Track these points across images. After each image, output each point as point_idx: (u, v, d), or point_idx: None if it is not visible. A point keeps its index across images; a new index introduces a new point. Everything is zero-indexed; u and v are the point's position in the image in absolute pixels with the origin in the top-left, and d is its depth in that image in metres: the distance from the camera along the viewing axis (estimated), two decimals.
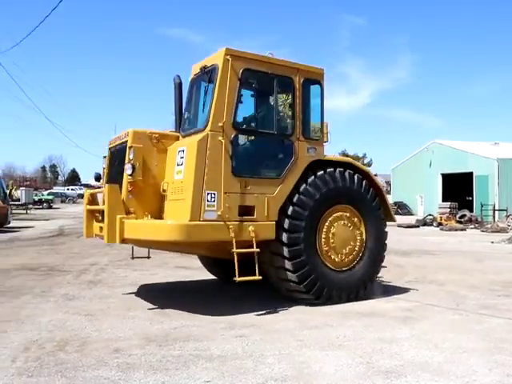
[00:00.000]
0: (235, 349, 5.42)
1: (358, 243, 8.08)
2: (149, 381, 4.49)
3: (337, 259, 7.82)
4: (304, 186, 7.50)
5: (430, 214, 35.86)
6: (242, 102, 7.36)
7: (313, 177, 7.61)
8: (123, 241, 7.10)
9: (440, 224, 31.30)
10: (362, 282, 8.08)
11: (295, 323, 6.54)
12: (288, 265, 7.34)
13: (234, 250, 6.83)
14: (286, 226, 7.32)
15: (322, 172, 7.71)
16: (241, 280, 6.91)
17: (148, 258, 8.96)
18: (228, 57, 7.08)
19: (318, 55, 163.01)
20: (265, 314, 7.07)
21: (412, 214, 48.18)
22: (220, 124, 6.91)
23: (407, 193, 52.04)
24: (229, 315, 6.93)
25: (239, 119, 7.46)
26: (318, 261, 7.60)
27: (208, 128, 6.93)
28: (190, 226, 6.70)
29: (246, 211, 7.11)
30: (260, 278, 7.10)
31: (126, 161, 7.36)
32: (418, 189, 49.88)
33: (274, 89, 7.57)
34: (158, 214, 7.44)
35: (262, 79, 7.60)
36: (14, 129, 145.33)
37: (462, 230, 29.01)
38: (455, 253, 16.11)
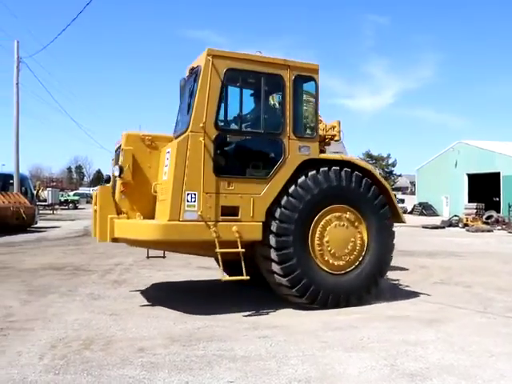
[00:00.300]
0: (259, 349, 5.42)
1: (358, 244, 7.66)
2: (173, 380, 4.52)
3: (334, 262, 7.48)
4: (293, 187, 7.24)
5: (455, 215, 35.36)
6: (225, 102, 7.39)
7: (303, 177, 7.32)
8: (114, 240, 7.36)
9: (466, 225, 30.85)
10: (365, 285, 7.69)
11: (318, 324, 6.51)
12: (277, 269, 7.16)
13: (218, 250, 6.84)
14: (274, 229, 7.13)
15: (313, 172, 7.39)
16: (227, 280, 7.18)
17: (163, 257, 8.96)
18: (210, 57, 7.08)
19: (342, 56, 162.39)
20: (288, 314, 7.05)
21: (437, 215, 47.59)
22: (201, 125, 6.91)
23: (432, 193, 51.42)
24: (252, 316, 6.94)
25: (224, 119, 7.55)
26: (312, 264, 7.32)
27: (189, 129, 6.98)
28: (169, 225, 6.80)
29: (229, 211, 7.06)
30: (248, 278, 7.03)
31: (119, 163, 7.60)
32: (443, 189, 49.26)
33: (261, 87, 7.48)
34: (152, 215, 7.53)
35: (248, 78, 7.53)
36: (40, 131, 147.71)
37: (488, 231, 28.52)
38: (482, 254, 15.85)
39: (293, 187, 7.25)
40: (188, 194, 6.84)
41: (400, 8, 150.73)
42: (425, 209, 51.15)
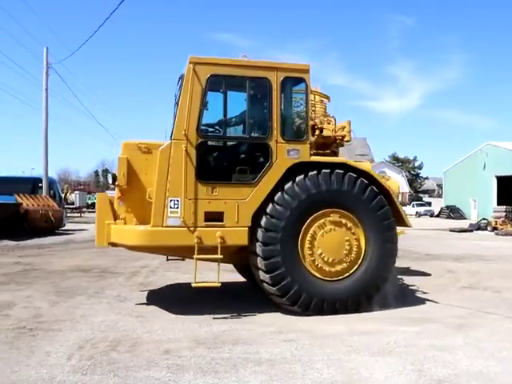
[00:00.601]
0: (284, 353, 5.40)
1: (354, 249, 7.34)
2: (198, 383, 4.55)
3: (328, 268, 7.23)
4: (279, 194, 7.08)
5: (483, 218, 34.68)
6: (209, 108, 7.33)
7: (290, 183, 7.13)
8: (111, 244, 7.55)
9: (495, 228, 30.22)
10: (364, 292, 7.35)
11: (344, 328, 6.46)
12: (266, 278, 7.09)
13: (195, 256, 6.95)
14: (260, 237, 7.04)
15: (301, 176, 7.18)
16: (197, 285, 7.12)
17: (183, 259, 8.98)
18: (191, 65, 7.16)
19: (367, 57, 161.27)
20: (313, 318, 7.01)
21: (465, 218, 46.80)
22: (184, 132, 7.01)
23: (460, 196, 50.64)
24: (277, 319, 6.92)
25: (208, 125, 7.56)
26: (302, 271, 7.13)
27: (172, 137, 7.11)
28: (152, 231, 7.00)
29: (214, 217, 7.09)
30: (219, 284, 7.13)
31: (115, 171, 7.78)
32: (471, 192, 48.45)
33: (246, 91, 7.44)
34: (148, 220, 7.46)
35: (233, 83, 7.51)
36: (68, 134, 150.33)
37: None
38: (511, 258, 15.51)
39: (278, 194, 7.09)
40: (171, 201, 6.98)
41: (426, 8, 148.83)
42: (452, 212, 50.36)
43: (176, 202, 6.97)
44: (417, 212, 59.73)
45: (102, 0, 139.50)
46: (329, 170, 7.29)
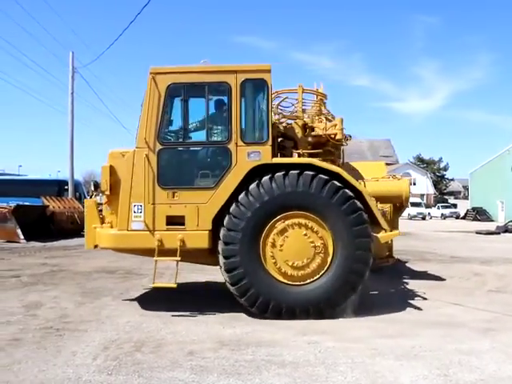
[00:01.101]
0: (307, 355, 5.38)
1: (320, 254, 7.09)
2: None
3: (290, 272, 7.07)
4: (242, 195, 7.05)
5: (511, 220, 34.04)
6: (169, 116, 7.60)
7: (254, 185, 7.06)
8: (96, 246, 7.87)
9: None
10: (330, 298, 7.03)
11: (368, 331, 6.40)
12: (226, 277, 7.12)
13: (155, 257, 7.22)
14: (221, 237, 7.08)
15: (265, 178, 7.08)
16: (156, 286, 7.52)
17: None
18: (151, 76, 7.39)
19: (391, 58, 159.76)
20: (337, 320, 6.97)
21: (492, 220, 45.99)
22: (145, 140, 7.29)
23: (487, 198, 49.79)
24: (301, 321, 6.89)
25: (168, 132, 7.71)
26: (262, 274, 7.04)
27: (135, 145, 7.40)
28: (117, 235, 7.43)
29: (176, 221, 7.26)
30: (175, 285, 7.35)
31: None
32: (498, 194, 47.60)
33: (205, 97, 7.51)
34: None
35: (192, 90, 7.60)
36: (94, 137, 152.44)
37: None
38: None
39: (242, 195, 7.06)
40: (135, 206, 7.31)
41: (451, 7, 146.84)
42: (479, 214, 49.53)
43: (139, 207, 7.31)
44: (442, 214, 58.93)
45: (126, 3, 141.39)
46: (296, 172, 7.10)
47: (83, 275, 10.92)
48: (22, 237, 18.32)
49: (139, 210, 7.30)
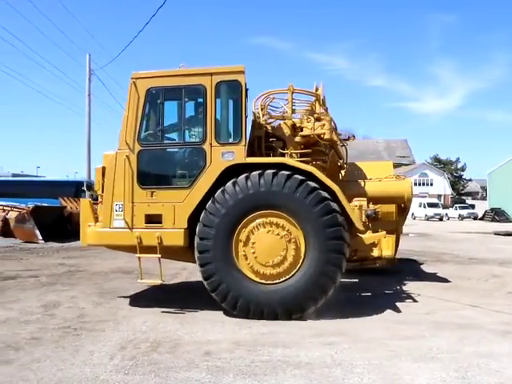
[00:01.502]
0: (324, 357, 5.36)
1: (292, 253, 7.07)
2: None
3: (261, 270, 7.10)
4: (218, 192, 7.17)
5: None
6: (149, 119, 7.88)
7: (230, 183, 7.16)
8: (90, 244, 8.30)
9: None
10: (298, 300, 6.96)
11: (385, 332, 6.36)
12: (200, 271, 7.31)
13: (138, 254, 7.54)
14: (197, 231, 7.26)
15: (241, 177, 7.16)
16: (142, 282, 7.87)
17: None
18: (132, 81, 7.71)
19: (407, 58, 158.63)
20: (353, 321, 6.94)
21: (510, 221, 45.42)
22: (126, 142, 7.63)
23: (505, 198, 49.18)
24: (317, 322, 6.87)
25: (148, 134, 7.95)
26: (233, 270, 7.12)
27: (118, 147, 7.72)
28: (101, 232, 7.81)
29: (155, 219, 7.53)
30: (160, 282, 7.65)
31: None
32: None
33: (182, 100, 7.78)
34: None
35: (170, 93, 7.86)
36: (110, 139, 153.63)
37: None
38: None
39: (218, 192, 7.20)
40: (116, 205, 7.65)
41: (468, 5, 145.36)
42: (497, 215, 48.92)
43: (120, 206, 7.64)
44: (460, 215, 58.31)
45: (141, 5, 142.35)
46: (271, 171, 7.14)
47: (100, 275, 11.01)
48: (40, 237, 18.52)
49: (120, 209, 7.62)
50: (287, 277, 7.10)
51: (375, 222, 9.57)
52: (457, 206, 63.30)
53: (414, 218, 59.78)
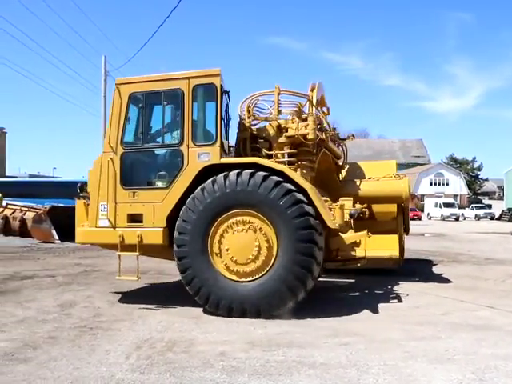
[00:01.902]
0: (339, 357, 5.34)
1: (264, 251, 7.12)
2: None
3: (235, 268, 7.22)
4: (198, 190, 7.37)
5: None
6: (131, 123, 8.19)
7: (210, 181, 7.34)
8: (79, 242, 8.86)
9: None
10: (267, 299, 7.01)
11: (401, 333, 6.32)
12: (176, 264, 7.54)
13: (119, 252, 7.94)
14: (176, 226, 7.48)
15: (215, 177, 7.33)
16: (120, 279, 8.34)
17: None
18: (116, 86, 8.13)
19: (423, 56, 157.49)
20: (369, 321, 6.91)
21: None
22: (110, 145, 8.00)
23: None
24: (332, 322, 6.86)
25: (130, 138, 8.26)
26: (207, 266, 7.28)
27: (103, 150, 8.10)
28: (86, 231, 8.27)
29: (135, 218, 7.86)
30: (136, 278, 8.08)
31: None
32: None
33: (162, 103, 8.08)
34: None
35: (151, 97, 8.21)
36: None
37: None
38: None
39: (197, 190, 7.39)
40: (101, 205, 8.02)
41: (485, 3, 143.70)
42: None
43: (105, 206, 8.02)
44: (476, 215, 57.74)
45: (156, 5, 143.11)
46: (241, 171, 7.28)
47: (116, 275, 11.06)
48: (56, 237, 18.69)
49: (105, 209, 8.00)
50: (259, 275, 7.19)
51: (373, 221, 9.69)
52: (473, 205, 62.72)
53: (430, 218, 59.39)
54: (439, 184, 79.35)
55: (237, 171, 7.28)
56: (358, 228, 8.22)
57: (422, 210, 63.45)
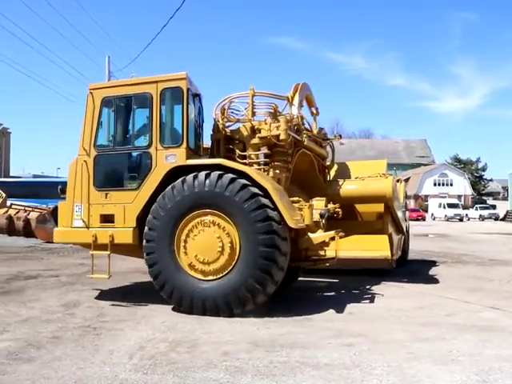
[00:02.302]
0: (342, 358, 5.33)
1: (227, 250, 7.26)
2: None
3: (199, 266, 7.38)
4: (168, 188, 7.56)
5: None
6: (104, 126, 8.46)
7: (179, 181, 7.53)
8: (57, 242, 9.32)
9: None
10: (227, 298, 7.13)
11: (405, 334, 6.30)
12: (145, 259, 7.74)
13: (92, 251, 8.24)
14: (146, 222, 7.70)
15: (186, 177, 7.51)
16: (92, 277, 8.67)
17: None
18: (90, 91, 8.39)
19: (427, 56, 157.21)
20: (373, 323, 6.89)
21: None
22: (83, 148, 8.29)
23: None
24: (336, 322, 6.85)
25: (103, 141, 8.52)
26: (173, 263, 7.48)
27: (78, 153, 8.39)
28: (63, 231, 8.57)
29: (108, 219, 8.13)
30: (107, 277, 8.33)
31: None
32: None
33: (132, 107, 8.48)
34: None
35: (122, 102, 8.54)
36: None
37: None
38: None
39: (168, 188, 7.57)
40: (76, 206, 8.29)
41: (489, 3, 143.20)
42: None
43: (80, 207, 8.29)
44: (480, 215, 57.60)
45: (159, 5, 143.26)
46: (207, 172, 7.44)
47: (119, 275, 11.07)
48: None
49: (79, 210, 8.28)
50: (221, 275, 7.32)
51: (358, 221, 9.79)
52: (477, 206, 62.58)
53: (434, 219, 59.28)
54: (443, 184, 79.10)
55: (205, 172, 7.42)
56: (345, 228, 8.70)
57: (426, 211, 63.35)
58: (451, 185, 79.32)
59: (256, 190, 7.24)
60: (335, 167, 11.19)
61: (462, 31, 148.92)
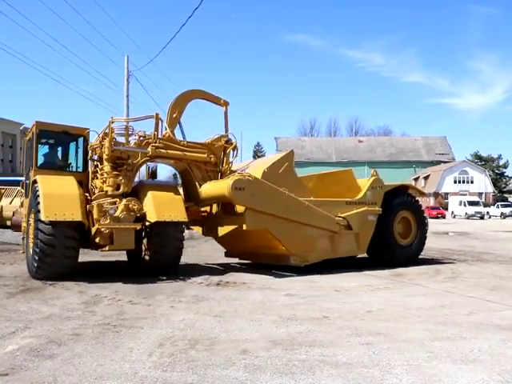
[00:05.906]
0: (361, 356, 5.30)
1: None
2: (275, 383, 4.55)
3: None
4: None
5: None
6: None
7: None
8: None
9: None
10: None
11: (424, 333, 6.24)
12: None
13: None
14: None
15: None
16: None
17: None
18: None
19: (446, 52, 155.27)
20: (392, 321, 6.83)
21: None
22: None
23: None
24: (354, 321, 6.81)
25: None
26: None
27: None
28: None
29: None
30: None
31: None
32: None
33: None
34: None
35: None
36: None
37: None
38: None
39: None
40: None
41: None
42: None
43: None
44: (502, 213, 56.82)
45: (178, 5, 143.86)
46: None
47: (139, 273, 11.16)
48: None
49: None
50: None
51: (230, 217, 11.39)
52: (499, 204, 61.74)
53: (454, 217, 58.65)
54: (464, 182, 78.21)
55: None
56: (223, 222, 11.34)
57: (446, 209, 62.68)
58: (472, 182, 78.38)
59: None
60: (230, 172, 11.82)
61: (481, 26, 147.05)
